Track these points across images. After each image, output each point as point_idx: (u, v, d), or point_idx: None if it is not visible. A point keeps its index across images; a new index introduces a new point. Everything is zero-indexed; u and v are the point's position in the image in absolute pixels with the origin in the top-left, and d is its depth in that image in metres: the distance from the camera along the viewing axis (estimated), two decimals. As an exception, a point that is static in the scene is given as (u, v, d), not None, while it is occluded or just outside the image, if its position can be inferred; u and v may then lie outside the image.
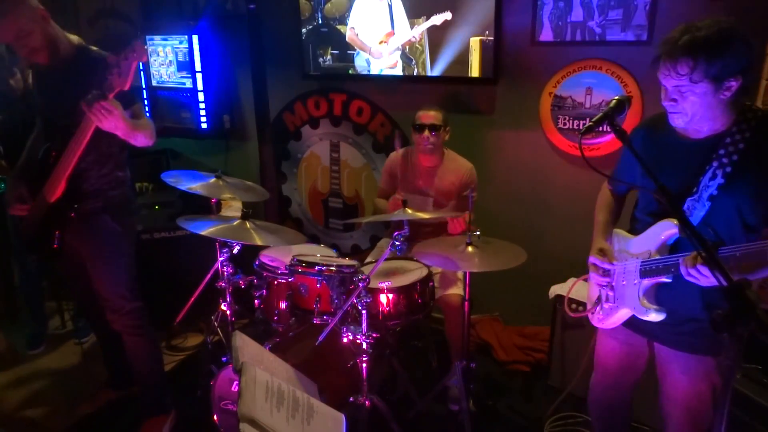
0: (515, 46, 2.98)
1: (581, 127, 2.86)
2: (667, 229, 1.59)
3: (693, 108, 1.46)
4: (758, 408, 1.91)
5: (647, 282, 1.64)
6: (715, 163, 1.50)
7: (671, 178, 1.53)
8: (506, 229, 2.93)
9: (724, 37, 1.37)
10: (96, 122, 2.04)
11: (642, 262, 1.65)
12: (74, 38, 2.29)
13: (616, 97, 1.51)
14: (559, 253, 3.00)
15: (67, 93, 2.17)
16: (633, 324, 1.74)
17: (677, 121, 1.52)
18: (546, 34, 2.88)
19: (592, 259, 1.79)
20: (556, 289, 2.73)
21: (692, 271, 1.43)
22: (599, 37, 2.75)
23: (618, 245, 1.78)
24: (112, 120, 2.05)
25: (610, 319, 1.79)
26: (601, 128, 1.49)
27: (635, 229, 1.76)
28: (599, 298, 1.84)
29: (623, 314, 1.75)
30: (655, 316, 1.61)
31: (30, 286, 3.28)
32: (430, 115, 2.77)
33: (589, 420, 2.52)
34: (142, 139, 2.24)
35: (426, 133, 2.76)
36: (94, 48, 2.30)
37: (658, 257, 1.60)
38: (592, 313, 1.88)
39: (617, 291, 1.75)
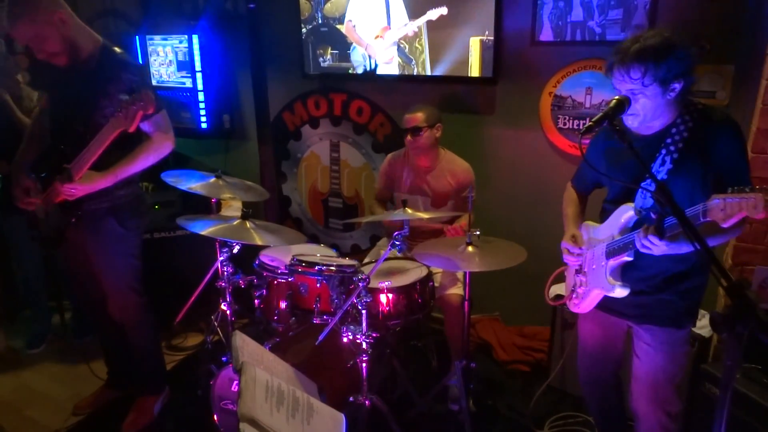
0: (515, 46, 2.98)
1: (581, 127, 2.86)
2: (625, 213, 1.76)
3: (644, 109, 1.62)
4: (758, 408, 1.91)
5: (613, 262, 1.79)
6: (663, 151, 1.68)
7: (628, 170, 1.76)
8: (506, 228, 2.93)
9: (668, 45, 1.55)
10: (69, 198, 2.13)
11: (607, 244, 1.82)
12: (98, 38, 2.24)
13: (616, 97, 1.58)
14: (559, 252, 2.97)
15: (85, 98, 2.15)
16: (606, 306, 1.90)
17: (631, 122, 1.68)
18: (546, 34, 2.88)
19: (564, 244, 1.98)
20: (556, 289, 2.73)
21: (644, 242, 1.58)
22: (599, 37, 2.75)
23: (588, 234, 1.95)
24: (82, 191, 2.11)
25: (585, 302, 1.94)
26: (600, 128, 1.55)
27: (603, 218, 1.91)
28: (574, 286, 2.00)
29: (595, 295, 1.89)
30: (620, 291, 1.77)
31: (32, 286, 3.28)
32: (413, 118, 2.71)
33: (589, 420, 2.53)
34: (146, 163, 2.24)
35: (409, 136, 2.74)
36: (117, 50, 2.24)
37: (619, 238, 1.77)
38: (569, 300, 2.04)
39: (589, 275, 1.92)
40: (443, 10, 3.04)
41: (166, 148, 2.28)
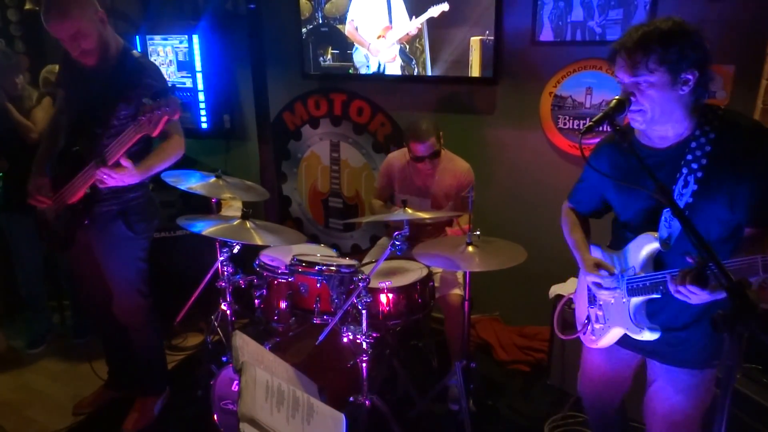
0: (515, 46, 2.98)
1: (581, 127, 2.86)
2: (647, 244, 1.54)
3: (651, 103, 1.41)
4: (758, 408, 1.91)
5: (636, 300, 1.58)
6: (684, 170, 1.46)
7: (643, 193, 1.54)
8: (506, 228, 2.93)
9: (677, 28, 1.38)
10: (98, 184, 2.10)
11: (628, 280, 1.59)
12: (120, 39, 2.27)
13: (617, 97, 1.46)
14: (559, 252, 2.97)
15: (105, 99, 2.16)
16: (624, 341, 1.68)
17: (637, 121, 1.47)
18: (546, 34, 2.88)
19: (592, 277, 1.65)
20: (556, 289, 2.73)
21: (681, 290, 1.35)
22: (599, 37, 2.75)
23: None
24: (114, 181, 2.09)
25: (603, 339, 1.73)
26: (601, 128, 1.45)
27: (615, 244, 1.71)
28: (588, 318, 1.78)
29: (616, 333, 1.69)
30: (649, 335, 1.57)
31: (32, 286, 3.28)
32: (426, 146, 2.67)
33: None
34: (170, 162, 2.25)
35: (426, 161, 2.73)
36: (136, 53, 2.28)
37: (643, 275, 1.55)
38: (584, 334, 1.82)
39: (606, 310, 1.70)
40: (444, 6, 3.04)
41: (182, 151, 2.29)
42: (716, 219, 1.43)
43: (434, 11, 3.08)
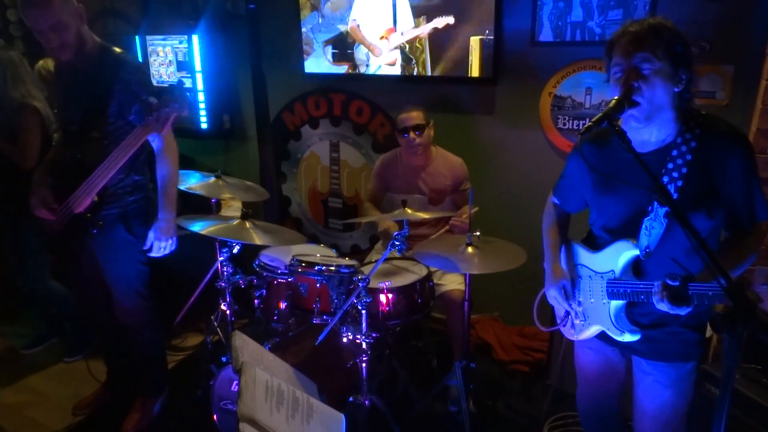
0: (515, 46, 2.98)
1: (581, 127, 2.86)
2: (626, 251, 1.55)
3: (652, 92, 1.40)
4: (758, 408, 1.91)
5: (617, 303, 1.59)
6: (665, 178, 1.46)
7: (623, 200, 1.54)
8: (506, 229, 2.93)
9: (676, 28, 1.44)
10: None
11: (608, 282, 1.60)
12: (96, 38, 2.26)
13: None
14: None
15: (93, 101, 2.14)
16: (605, 337, 1.69)
17: (633, 117, 1.44)
18: (546, 34, 2.88)
19: (554, 291, 1.75)
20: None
21: (662, 306, 1.37)
22: (599, 37, 2.75)
23: (579, 260, 1.73)
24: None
25: (583, 334, 1.75)
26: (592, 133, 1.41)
27: (593, 243, 1.72)
28: (567, 313, 1.80)
29: (595, 330, 1.70)
30: (629, 337, 1.58)
31: (38, 287, 3.26)
32: (412, 117, 2.76)
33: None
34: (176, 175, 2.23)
35: (411, 134, 2.76)
36: (117, 49, 2.26)
37: (624, 281, 1.56)
38: (564, 326, 1.84)
39: (586, 308, 1.71)
40: (450, 20, 3.04)
41: (177, 153, 2.26)
42: (696, 226, 1.39)
43: (439, 22, 3.09)
